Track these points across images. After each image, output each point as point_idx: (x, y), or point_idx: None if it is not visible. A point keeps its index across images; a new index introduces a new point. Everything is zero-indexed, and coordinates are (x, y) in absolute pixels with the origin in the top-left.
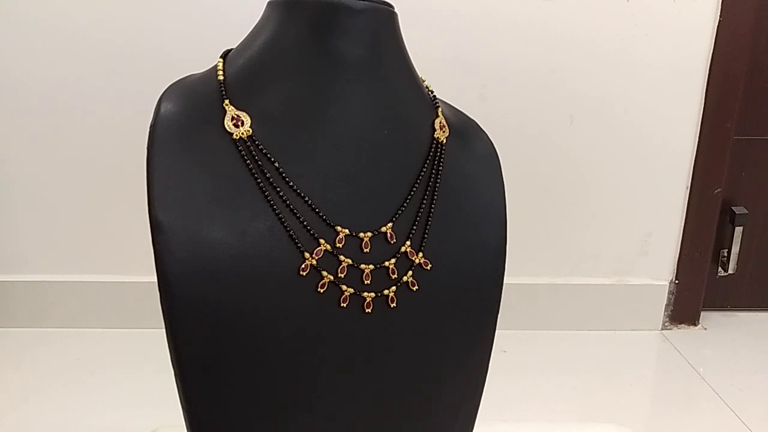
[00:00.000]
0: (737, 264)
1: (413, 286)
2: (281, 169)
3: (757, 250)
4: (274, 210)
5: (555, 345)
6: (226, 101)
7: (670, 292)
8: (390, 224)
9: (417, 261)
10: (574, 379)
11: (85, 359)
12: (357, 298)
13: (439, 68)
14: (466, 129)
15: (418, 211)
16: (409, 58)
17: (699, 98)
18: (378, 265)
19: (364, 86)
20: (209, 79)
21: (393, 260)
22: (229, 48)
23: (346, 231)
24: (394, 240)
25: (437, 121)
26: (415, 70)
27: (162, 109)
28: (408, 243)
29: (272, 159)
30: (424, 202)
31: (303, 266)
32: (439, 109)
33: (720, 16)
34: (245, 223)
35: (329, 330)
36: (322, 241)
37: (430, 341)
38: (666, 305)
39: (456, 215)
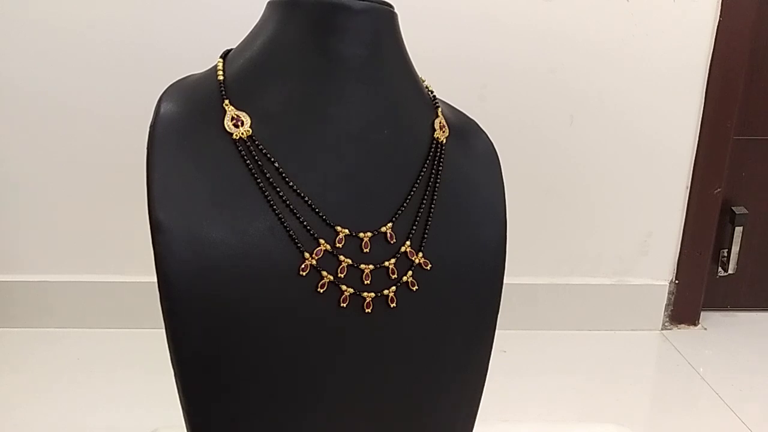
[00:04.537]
0: (737, 264)
1: (413, 286)
2: (281, 169)
3: (757, 250)
4: (274, 210)
5: (555, 345)
6: (226, 101)
7: (670, 292)
8: (390, 224)
9: (417, 261)
10: (574, 379)
11: (85, 359)
12: (357, 298)
13: (439, 68)
14: (466, 129)
15: (418, 211)
16: (409, 58)
17: (699, 98)
18: (378, 265)
19: (364, 86)
20: (209, 79)
21: (393, 260)
22: (229, 48)
23: (346, 231)
24: (394, 240)
25: (437, 121)
26: (415, 70)
27: (162, 109)
28: (408, 243)
29: (272, 159)
30: (424, 202)
31: (303, 266)
32: (439, 109)
33: (720, 16)
34: (245, 223)
35: (329, 330)
36: (322, 241)
37: (430, 341)
38: (666, 305)
39: (456, 215)
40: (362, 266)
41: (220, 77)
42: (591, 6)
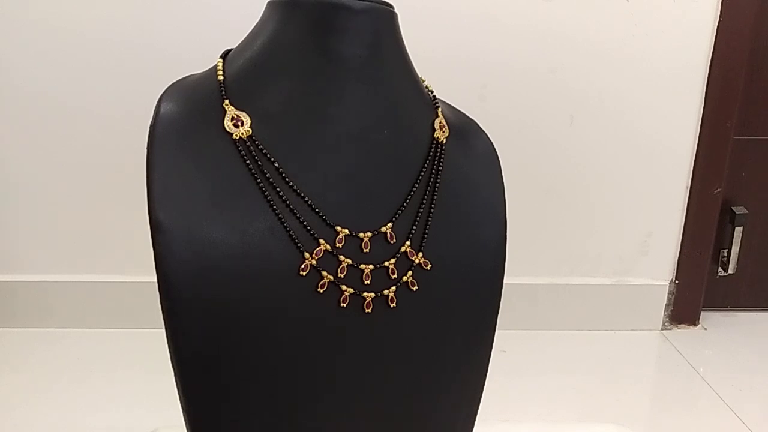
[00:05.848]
0: (737, 264)
1: (413, 286)
2: (281, 169)
3: (757, 250)
4: (274, 210)
5: (555, 345)
6: (226, 101)
7: (670, 292)
8: (390, 224)
9: (417, 261)
10: (574, 379)
11: (85, 359)
12: (357, 298)
13: (439, 68)
14: (466, 129)
15: (418, 211)
16: (409, 58)
17: (699, 98)
18: (378, 265)
19: (364, 86)
20: (209, 79)
21: (393, 260)
22: (229, 48)
23: (346, 231)
24: (394, 240)
25: (437, 121)
26: (415, 70)
27: (162, 109)
28: (408, 243)
29: (272, 159)
30: (424, 202)
31: (303, 266)
32: (439, 109)
33: (720, 16)
34: (245, 223)
35: (329, 330)
36: (321, 241)
37: (430, 341)
38: (666, 305)
39: (456, 215)
40: (362, 266)
41: (220, 77)
42: (591, 6)
